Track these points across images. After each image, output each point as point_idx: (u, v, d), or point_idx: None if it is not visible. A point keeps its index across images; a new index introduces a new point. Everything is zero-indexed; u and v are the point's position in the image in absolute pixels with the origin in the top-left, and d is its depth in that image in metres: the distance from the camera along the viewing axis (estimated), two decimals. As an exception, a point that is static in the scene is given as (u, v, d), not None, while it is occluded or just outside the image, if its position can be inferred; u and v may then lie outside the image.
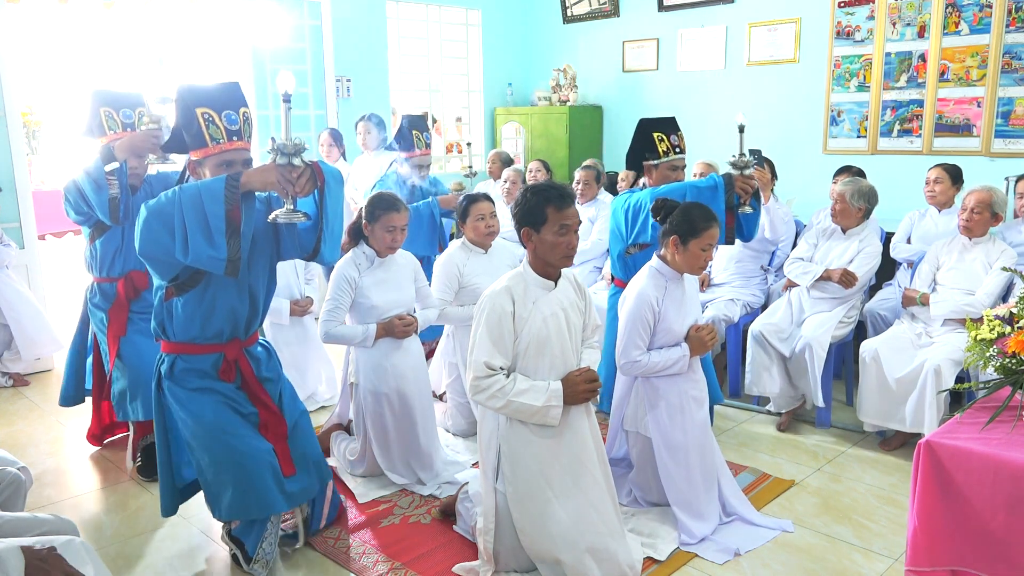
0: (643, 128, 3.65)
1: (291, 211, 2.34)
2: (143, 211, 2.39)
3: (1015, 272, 2.77)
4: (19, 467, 2.52)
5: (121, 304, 3.55)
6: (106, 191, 3.20)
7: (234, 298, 2.62)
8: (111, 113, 3.46)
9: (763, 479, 3.46)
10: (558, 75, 7.25)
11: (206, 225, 2.32)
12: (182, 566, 2.90)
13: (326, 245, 2.54)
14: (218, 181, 2.34)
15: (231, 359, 2.67)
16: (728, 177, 3.38)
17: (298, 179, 2.31)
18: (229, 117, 2.48)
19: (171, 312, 2.60)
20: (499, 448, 2.64)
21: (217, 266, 2.35)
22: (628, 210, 3.56)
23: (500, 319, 2.51)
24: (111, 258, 3.53)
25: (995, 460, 2.10)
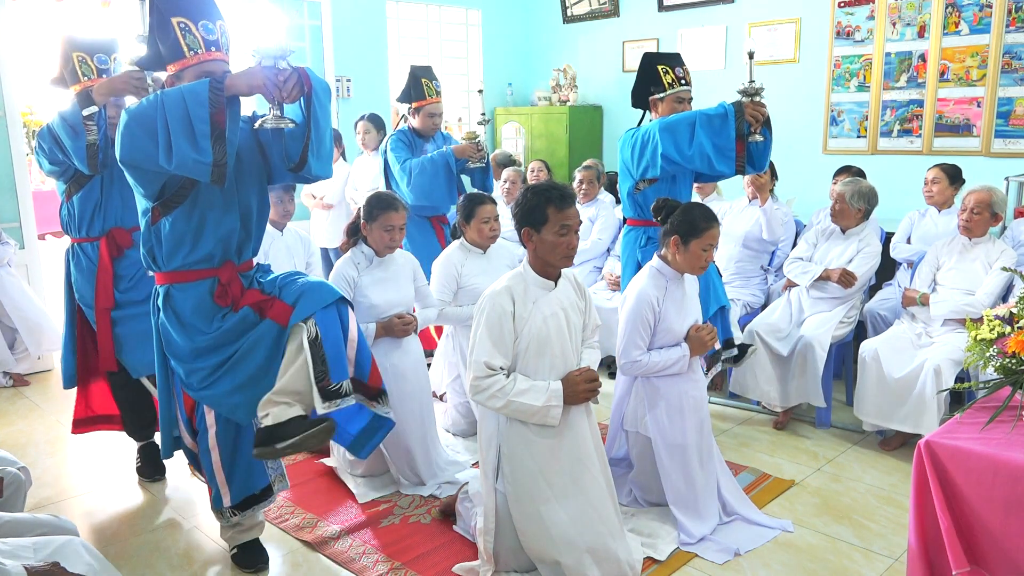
0: (648, 62, 3.59)
1: (278, 116, 2.26)
2: (123, 116, 2.29)
3: (1015, 272, 2.77)
4: (19, 467, 2.52)
5: (106, 268, 3.31)
6: (84, 137, 3.00)
7: (223, 216, 2.52)
8: (84, 58, 3.22)
9: (763, 479, 3.46)
10: (558, 75, 7.25)
11: (190, 128, 2.22)
12: (182, 566, 2.90)
13: (313, 156, 2.44)
14: (202, 84, 2.24)
15: (225, 282, 2.56)
16: (738, 104, 3.28)
17: (284, 83, 2.24)
18: (206, 27, 2.40)
19: (159, 236, 2.50)
20: (499, 448, 2.64)
21: (203, 171, 2.25)
22: (636, 143, 3.48)
23: (500, 319, 2.51)
24: (90, 215, 3.31)
25: (995, 460, 2.10)
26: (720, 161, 3.27)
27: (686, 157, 3.31)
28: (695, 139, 3.28)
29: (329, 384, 2.46)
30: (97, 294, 3.31)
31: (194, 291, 2.55)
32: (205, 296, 2.55)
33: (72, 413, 3.61)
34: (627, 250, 3.68)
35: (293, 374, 2.46)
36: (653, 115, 3.64)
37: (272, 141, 2.50)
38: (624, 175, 3.63)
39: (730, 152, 3.26)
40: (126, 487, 3.53)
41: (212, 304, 2.55)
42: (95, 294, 3.32)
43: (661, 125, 3.37)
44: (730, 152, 3.26)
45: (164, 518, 3.26)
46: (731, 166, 3.29)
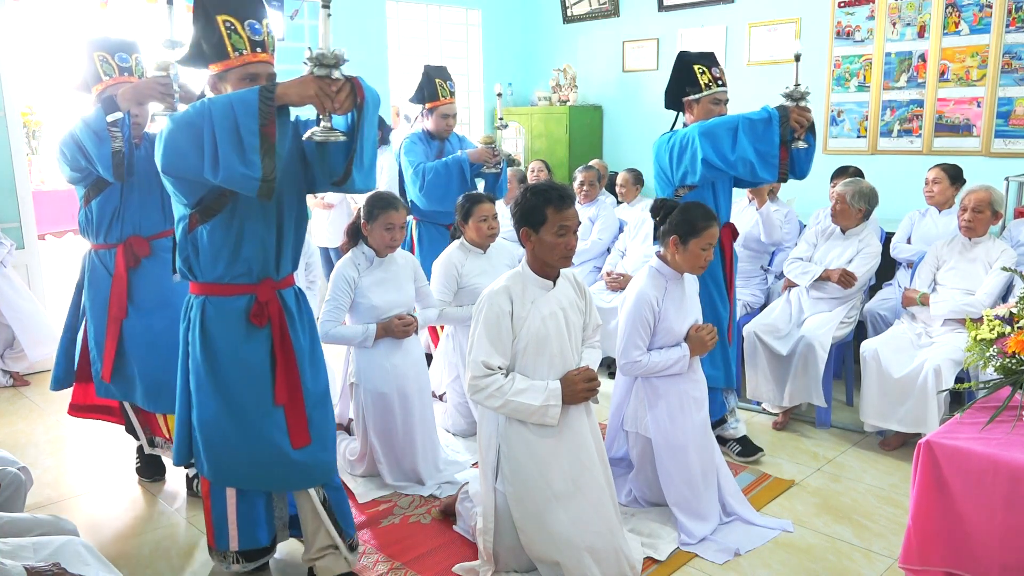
0: (683, 61, 3.48)
1: (328, 129, 2.11)
2: (168, 123, 2.17)
3: (1015, 272, 2.77)
4: (19, 467, 2.52)
5: (121, 277, 3.20)
6: (108, 144, 2.88)
7: (263, 229, 2.39)
8: (106, 58, 3.12)
9: (763, 479, 3.46)
10: (558, 75, 7.25)
11: (238, 140, 2.07)
12: (182, 566, 2.90)
13: (358, 169, 2.30)
14: (251, 92, 2.10)
15: (263, 301, 2.43)
16: (783, 109, 3.15)
17: (337, 93, 2.10)
18: (252, 27, 2.27)
19: (196, 245, 2.38)
20: (499, 448, 2.64)
21: (250, 186, 2.11)
22: (674, 148, 3.36)
23: (498, 319, 2.51)
24: (108, 221, 3.20)
25: (995, 460, 2.10)
26: (763, 168, 3.16)
27: (729, 163, 3.19)
28: (737, 144, 3.16)
29: (345, 539, 2.65)
30: (111, 303, 3.21)
31: (231, 306, 2.42)
32: (241, 315, 2.42)
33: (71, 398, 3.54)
34: None
35: (320, 538, 2.61)
36: (688, 117, 3.53)
37: (316, 152, 2.37)
38: (662, 182, 3.51)
39: (773, 159, 3.14)
40: (126, 487, 3.53)
41: (247, 325, 2.43)
42: (109, 302, 3.21)
43: (701, 129, 3.25)
44: (773, 159, 3.14)
45: (164, 518, 3.26)
46: (774, 173, 3.16)
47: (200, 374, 2.45)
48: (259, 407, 2.45)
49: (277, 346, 2.45)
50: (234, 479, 2.53)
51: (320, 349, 2.64)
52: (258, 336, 2.44)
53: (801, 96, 3.17)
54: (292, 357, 2.48)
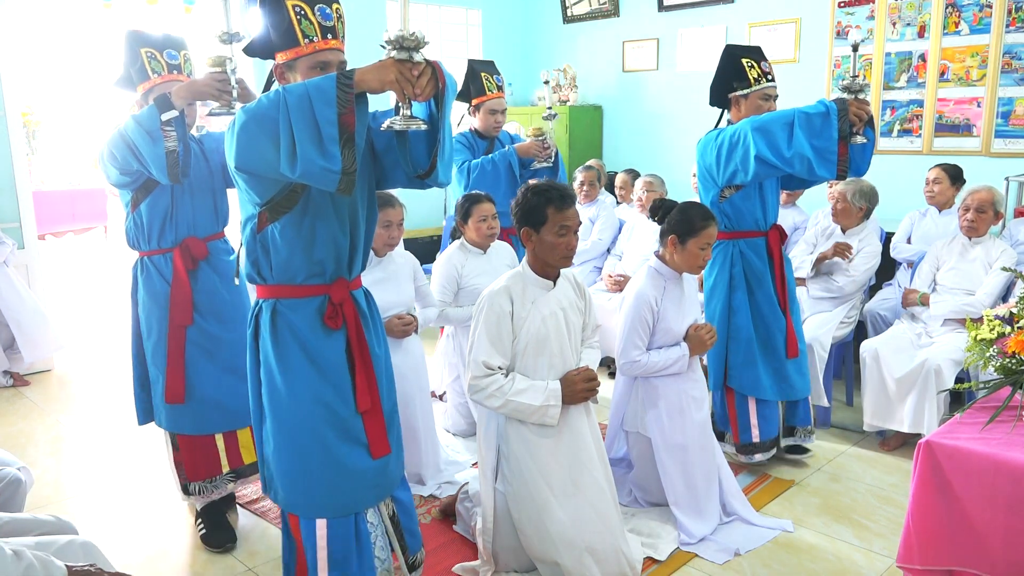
0: (730, 55, 3.34)
1: (409, 117, 1.98)
2: (240, 115, 2.04)
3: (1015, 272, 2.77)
4: (19, 467, 2.51)
5: (182, 282, 2.98)
6: (162, 144, 2.69)
7: (335, 226, 2.24)
8: (154, 54, 2.93)
9: (763, 479, 3.46)
10: (558, 75, 7.25)
11: (316, 132, 1.93)
12: (182, 566, 2.90)
13: (442, 161, 2.15)
14: (328, 80, 1.95)
15: (337, 302, 2.28)
16: (841, 102, 2.97)
17: (418, 78, 1.95)
18: (323, 11, 2.13)
19: (266, 245, 2.22)
20: (498, 448, 2.64)
21: (330, 180, 1.96)
22: (723, 145, 3.20)
23: (498, 319, 2.51)
24: (160, 225, 2.98)
25: (995, 460, 2.10)
26: (821, 164, 2.98)
27: (785, 160, 3.02)
28: (794, 140, 3.00)
29: (408, 556, 2.48)
30: (172, 311, 2.98)
31: (304, 309, 2.27)
32: (315, 316, 2.28)
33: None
34: (716, 267, 3.42)
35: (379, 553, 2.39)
36: (734, 113, 3.38)
37: (393, 143, 2.22)
38: (707, 183, 3.36)
39: (832, 155, 2.97)
40: (126, 487, 3.53)
41: (323, 325, 2.28)
42: (171, 311, 2.98)
43: (753, 125, 3.09)
44: (832, 155, 2.97)
45: (164, 518, 3.26)
46: (832, 170, 2.99)
47: (273, 388, 2.28)
48: (340, 415, 2.28)
49: (355, 349, 2.31)
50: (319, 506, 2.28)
51: (389, 353, 2.50)
52: (334, 337, 2.30)
53: (860, 88, 2.99)
54: (369, 360, 2.34)
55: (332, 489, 2.26)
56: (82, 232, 9.66)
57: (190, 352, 3.00)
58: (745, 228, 3.39)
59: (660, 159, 6.68)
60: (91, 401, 4.62)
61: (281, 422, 2.27)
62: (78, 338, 5.80)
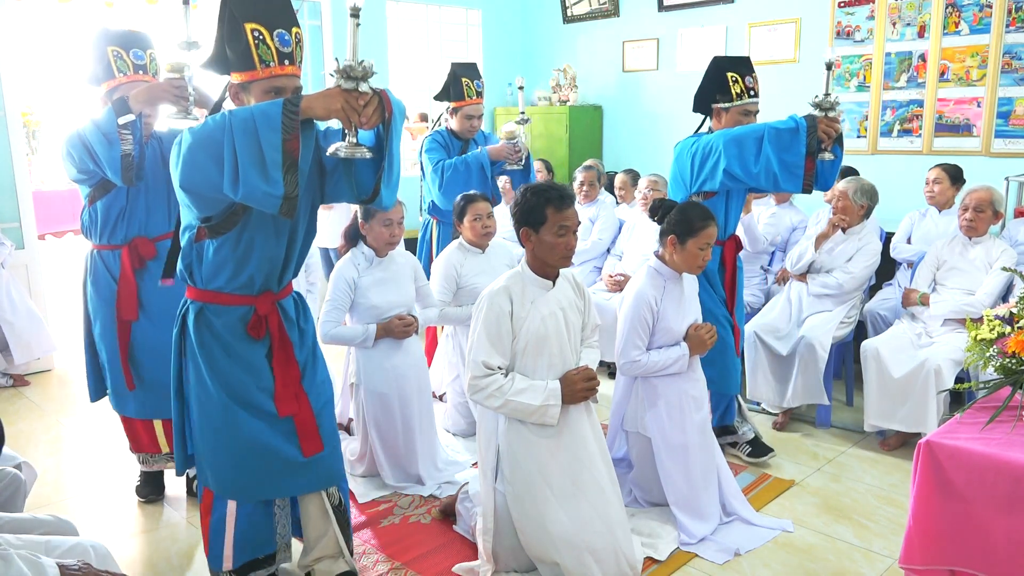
0: (716, 67, 3.41)
1: (354, 145, 2.03)
2: (186, 136, 2.07)
3: (1015, 272, 2.77)
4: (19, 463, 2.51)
5: (128, 280, 3.10)
6: (118, 147, 2.77)
7: (272, 243, 2.30)
8: (120, 53, 2.97)
9: (763, 479, 3.46)
10: (558, 75, 7.25)
11: (260, 157, 1.97)
12: (182, 566, 2.90)
13: (386, 186, 2.22)
14: (274, 106, 1.99)
15: (262, 314, 2.35)
16: (811, 119, 3.05)
17: (365, 107, 2.00)
18: (281, 36, 2.13)
19: (201, 256, 2.29)
20: (498, 448, 2.64)
21: (271, 204, 2.01)
22: (696, 153, 3.28)
23: (498, 319, 2.51)
24: (113, 222, 3.10)
25: (995, 460, 2.10)
26: (787, 179, 3.08)
27: (751, 174, 3.13)
28: (762, 154, 3.09)
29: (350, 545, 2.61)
30: (119, 305, 3.12)
31: (229, 316, 2.35)
32: (238, 324, 2.36)
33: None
34: None
35: (325, 543, 2.56)
36: (715, 123, 3.46)
37: (342, 168, 2.27)
38: (677, 186, 3.44)
39: (798, 170, 3.05)
40: (126, 487, 3.53)
41: (244, 333, 2.37)
42: (117, 305, 3.12)
43: (726, 138, 3.17)
44: (798, 170, 3.05)
45: (164, 518, 3.26)
46: (798, 184, 3.07)
47: (200, 380, 2.37)
48: (263, 414, 2.38)
49: (275, 358, 2.39)
50: (241, 489, 2.41)
51: (320, 352, 2.58)
52: (257, 344, 2.39)
53: (831, 106, 3.07)
54: (293, 368, 2.41)
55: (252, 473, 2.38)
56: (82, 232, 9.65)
57: (136, 343, 3.15)
58: None
59: (660, 159, 6.68)
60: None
61: (205, 415, 2.38)
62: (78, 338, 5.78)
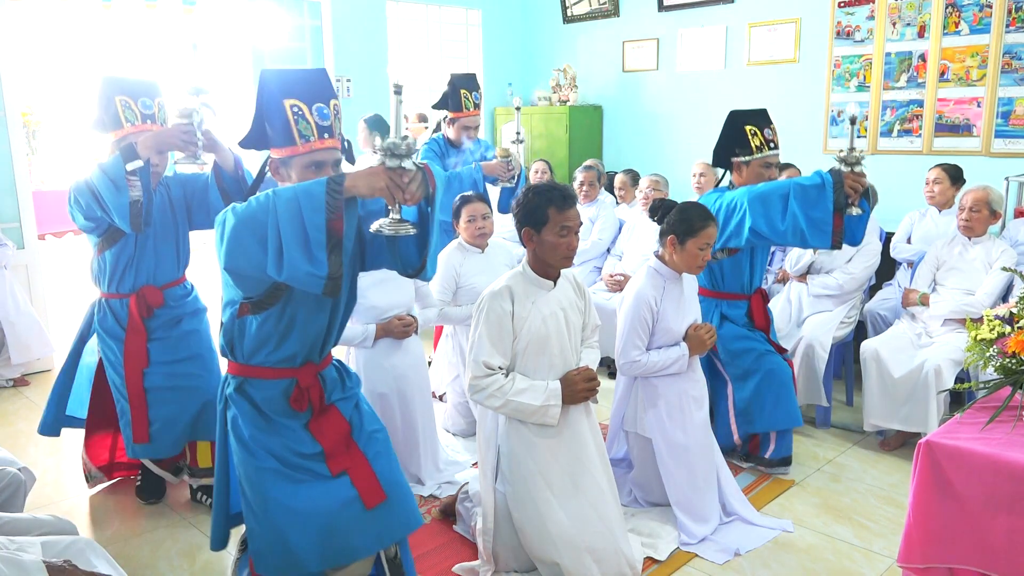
0: (734, 120, 3.42)
1: (398, 221, 1.99)
2: (230, 217, 2.05)
3: (1015, 272, 2.77)
4: (19, 467, 2.51)
5: (137, 328, 3.09)
6: (126, 193, 2.74)
7: (315, 317, 2.27)
8: (128, 103, 2.97)
9: (763, 479, 3.46)
10: (558, 75, 7.25)
11: (304, 237, 1.95)
12: (182, 566, 2.90)
13: (431, 259, 2.20)
14: (318, 185, 1.96)
15: (304, 387, 2.31)
16: (837, 174, 3.03)
17: (408, 184, 1.96)
18: (320, 111, 2.14)
19: (243, 331, 2.27)
20: (498, 448, 2.64)
21: (315, 284, 1.97)
22: (720, 211, 3.25)
23: (499, 319, 2.51)
24: (121, 272, 3.09)
25: (995, 460, 2.10)
26: (815, 236, 3.06)
27: (778, 232, 3.11)
28: (788, 212, 3.07)
29: None
30: (128, 356, 3.09)
31: (271, 390, 2.30)
32: (280, 397, 2.30)
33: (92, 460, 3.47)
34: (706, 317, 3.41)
35: None
36: (735, 177, 3.45)
37: (386, 243, 2.24)
38: None
39: (827, 226, 3.02)
40: (126, 487, 3.53)
41: (286, 406, 2.31)
42: (125, 356, 3.09)
43: (751, 196, 3.15)
44: (827, 226, 3.02)
45: (164, 518, 3.26)
46: (827, 241, 3.05)
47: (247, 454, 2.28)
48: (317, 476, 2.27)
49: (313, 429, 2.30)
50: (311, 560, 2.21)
51: (367, 406, 2.48)
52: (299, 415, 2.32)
53: (856, 161, 3.04)
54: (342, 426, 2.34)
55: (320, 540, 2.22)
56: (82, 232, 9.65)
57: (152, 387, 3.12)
58: (729, 290, 3.48)
59: (660, 159, 6.68)
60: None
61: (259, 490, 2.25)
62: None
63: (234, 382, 2.33)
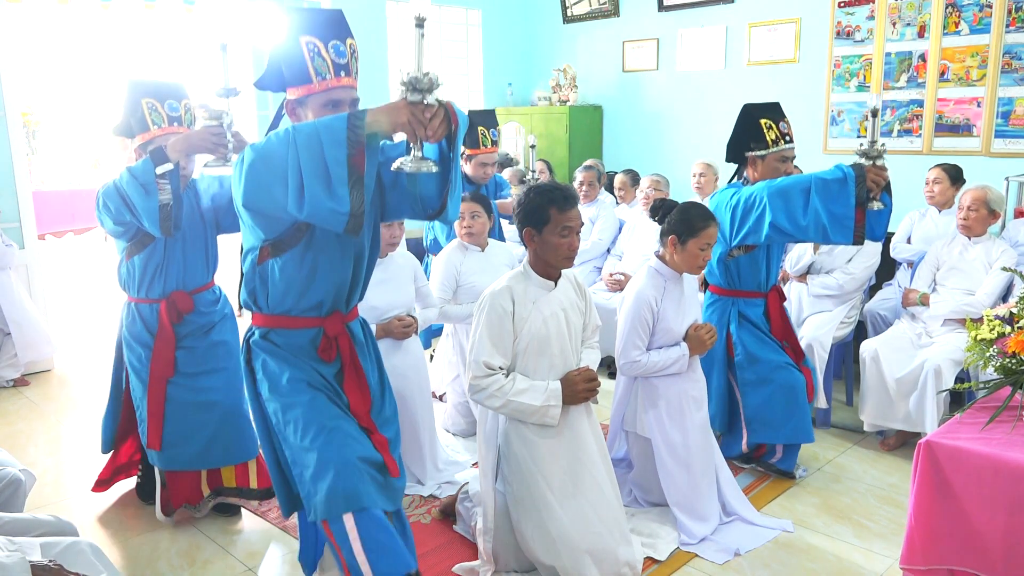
0: (748, 114, 3.34)
1: (420, 158, 1.95)
2: (248, 153, 2.02)
3: (1015, 272, 2.77)
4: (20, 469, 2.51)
5: (166, 336, 3.04)
6: (156, 197, 2.71)
7: (337, 262, 2.23)
8: (155, 105, 2.94)
9: (763, 479, 3.46)
10: (558, 75, 7.25)
11: (325, 172, 1.91)
12: (182, 566, 2.90)
13: (452, 200, 2.16)
14: (339, 120, 1.93)
15: (332, 335, 2.27)
16: (859, 168, 2.94)
17: (431, 120, 1.93)
18: (337, 48, 2.10)
19: (265, 278, 2.21)
20: (498, 448, 2.64)
21: (337, 222, 1.94)
22: (738, 206, 3.19)
23: (500, 319, 2.51)
24: (151, 277, 3.04)
25: (995, 460, 2.10)
26: (836, 231, 2.98)
27: (800, 228, 3.03)
28: (810, 207, 3.00)
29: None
30: (155, 363, 3.04)
31: (297, 338, 2.26)
32: (307, 346, 2.27)
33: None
34: (713, 322, 3.39)
35: None
36: (751, 172, 3.37)
37: (401, 180, 2.21)
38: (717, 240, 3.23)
39: (849, 221, 2.95)
40: (126, 487, 3.52)
41: (314, 355, 2.27)
42: (152, 363, 3.04)
43: (771, 191, 3.08)
44: (849, 221, 2.95)
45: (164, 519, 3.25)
46: (849, 236, 2.97)
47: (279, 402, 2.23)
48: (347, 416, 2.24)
49: (351, 377, 2.29)
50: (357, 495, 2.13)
51: (388, 380, 2.48)
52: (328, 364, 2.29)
53: (878, 154, 2.96)
54: (366, 394, 2.32)
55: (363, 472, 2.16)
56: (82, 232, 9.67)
57: (173, 398, 3.05)
58: (746, 289, 3.41)
59: (660, 159, 6.68)
60: (91, 401, 4.61)
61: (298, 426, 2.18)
62: (77, 338, 5.80)
63: (259, 331, 2.28)
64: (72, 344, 5.63)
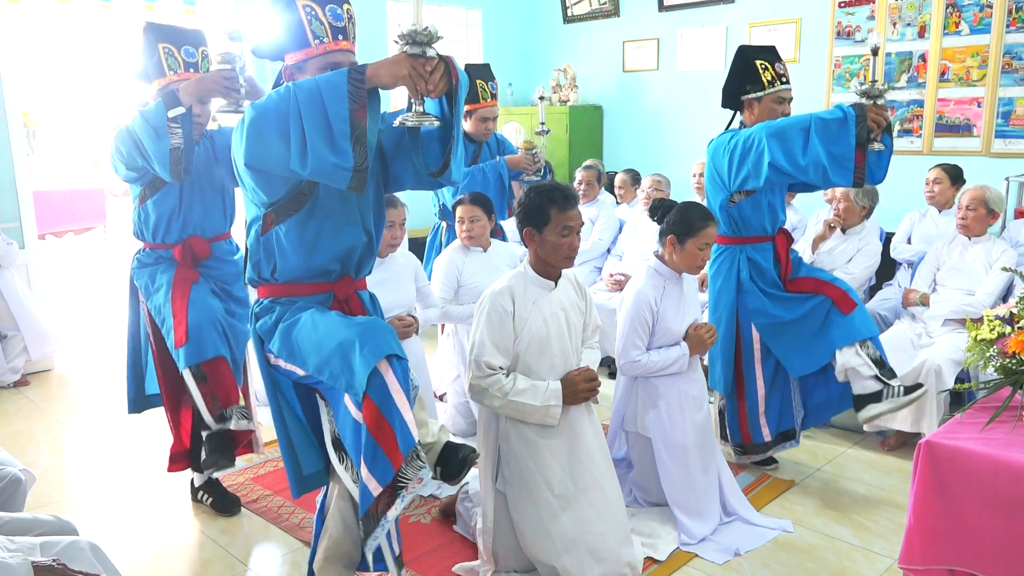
0: (743, 55, 3.25)
1: (422, 113, 1.94)
2: (249, 111, 2.01)
3: (1015, 272, 2.77)
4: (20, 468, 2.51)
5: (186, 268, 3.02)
6: (167, 140, 2.68)
7: (342, 227, 2.21)
8: (171, 50, 2.91)
9: (763, 479, 3.46)
10: (558, 75, 7.25)
11: (327, 127, 1.90)
12: (182, 566, 2.90)
13: (455, 159, 2.13)
14: (339, 75, 1.92)
15: (341, 298, 2.25)
16: (859, 108, 2.87)
17: (431, 73, 1.92)
18: (334, 12, 2.10)
19: (270, 248, 2.20)
20: (499, 449, 2.64)
21: (341, 177, 1.92)
22: (735, 149, 3.12)
23: (500, 319, 2.51)
24: (167, 222, 3.01)
25: (995, 460, 2.10)
26: (836, 172, 2.90)
27: (799, 167, 2.96)
28: (809, 146, 2.93)
29: None
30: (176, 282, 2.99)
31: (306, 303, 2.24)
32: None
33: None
34: (723, 273, 3.35)
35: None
36: (747, 116, 3.29)
37: (403, 143, 2.19)
38: (716, 187, 3.28)
39: (848, 162, 2.88)
40: (126, 487, 3.53)
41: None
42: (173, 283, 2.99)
43: (769, 130, 3.02)
44: (848, 162, 2.88)
45: (164, 518, 3.26)
46: (849, 177, 2.90)
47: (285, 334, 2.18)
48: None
49: None
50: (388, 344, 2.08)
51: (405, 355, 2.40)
52: None
53: (879, 94, 2.90)
54: None
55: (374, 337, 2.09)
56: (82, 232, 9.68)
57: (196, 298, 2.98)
58: (752, 234, 3.34)
59: (660, 159, 6.68)
60: (91, 401, 4.62)
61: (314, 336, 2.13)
62: (78, 338, 5.80)
63: (267, 300, 2.26)
64: (73, 344, 5.63)
